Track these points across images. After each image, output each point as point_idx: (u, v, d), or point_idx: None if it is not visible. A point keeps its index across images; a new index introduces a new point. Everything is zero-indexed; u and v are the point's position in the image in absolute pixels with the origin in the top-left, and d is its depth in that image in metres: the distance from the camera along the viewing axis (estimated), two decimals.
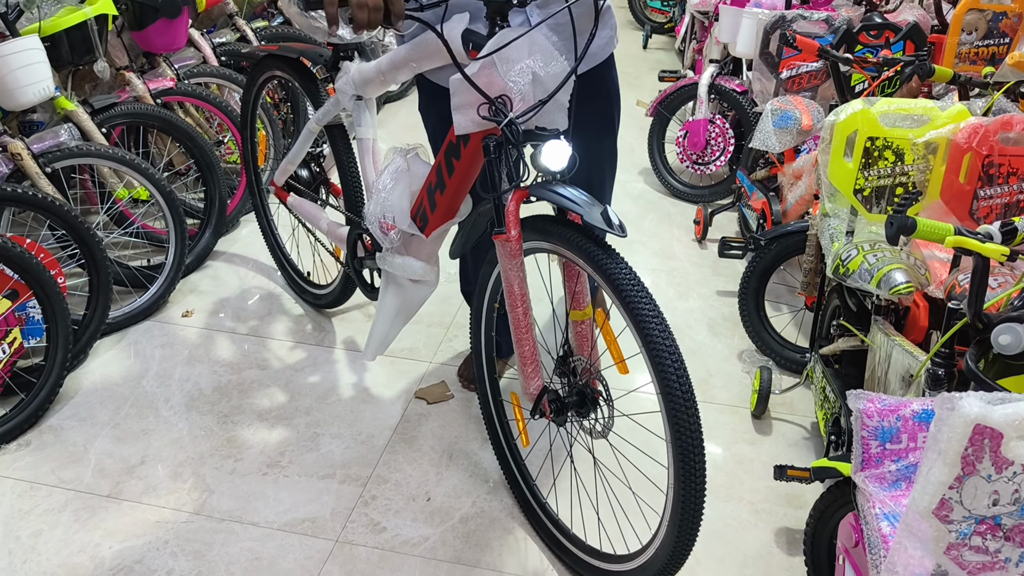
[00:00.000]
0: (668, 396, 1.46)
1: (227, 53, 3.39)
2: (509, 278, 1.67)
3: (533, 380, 1.75)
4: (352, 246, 2.27)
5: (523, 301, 1.68)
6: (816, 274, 2.40)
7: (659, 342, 1.46)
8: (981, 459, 0.97)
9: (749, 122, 3.32)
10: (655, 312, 1.48)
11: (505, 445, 2.01)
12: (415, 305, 2.09)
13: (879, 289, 1.78)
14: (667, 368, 1.45)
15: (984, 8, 2.58)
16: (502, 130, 1.54)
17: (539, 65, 1.52)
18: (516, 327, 1.69)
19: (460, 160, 1.76)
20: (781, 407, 2.36)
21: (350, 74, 2.09)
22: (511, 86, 1.52)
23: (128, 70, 2.89)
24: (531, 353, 1.72)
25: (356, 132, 2.15)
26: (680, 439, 1.45)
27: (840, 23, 2.72)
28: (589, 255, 1.53)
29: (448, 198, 1.84)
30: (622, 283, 1.49)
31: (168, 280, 2.78)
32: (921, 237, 1.28)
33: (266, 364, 2.55)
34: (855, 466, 1.40)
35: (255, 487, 2.09)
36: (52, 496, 2.06)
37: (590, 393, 1.71)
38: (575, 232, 1.56)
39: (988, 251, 1.25)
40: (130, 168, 2.64)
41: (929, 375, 1.52)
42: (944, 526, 1.02)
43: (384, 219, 1.96)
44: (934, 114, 1.82)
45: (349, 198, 2.33)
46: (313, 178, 2.56)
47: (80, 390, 2.43)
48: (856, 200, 1.90)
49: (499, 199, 1.63)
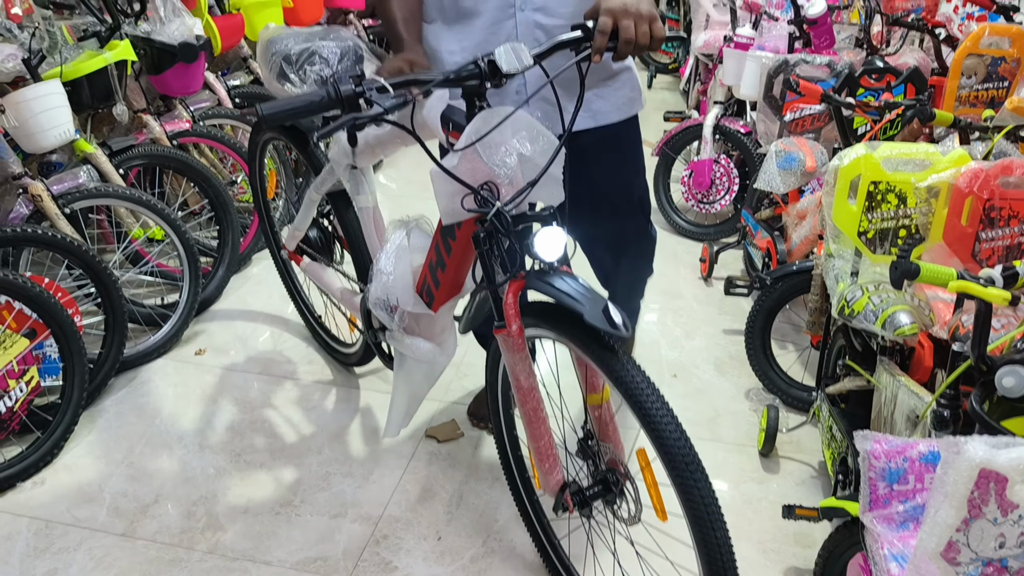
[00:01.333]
0: (690, 506, 1.37)
1: (241, 95, 3.47)
2: (515, 373, 1.58)
3: (552, 475, 1.65)
4: (367, 316, 2.19)
5: (533, 395, 1.58)
6: (821, 313, 2.43)
7: (674, 447, 1.37)
8: (987, 502, 0.99)
9: (753, 162, 3.37)
10: (667, 414, 1.39)
11: (519, 481, 1.98)
12: (432, 379, 2.00)
13: (884, 330, 1.80)
14: (684, 474, 1.36)
15: (983, 53, 2.64)
16: (491, 220, 1.45)
17: (524, 145, 1.43)
18: (529, 422, 1.60)
19: (456, 241, 1.69)
20: (788, 446, 2.38)
21: (342, 143, 2.04)
22: (496, 171, 1.43)
23: (145, 113, 2.96)
24: (547, 448, 1.62)
25: (356, 201, 2.11)
26: (707, 549, 1.38)
27: (842, 67, 2.78)
28: (593, 353, 1.44)
29: (450, 276, 1.77)
30: (629, 383, 1.40)
31: (182, 318, 2.82)
32: (924, 282, 1.32)
33: (278, 402, 2.58)
34: (863, 507, 1.42)
35: (267, 526, 2.11)
36: (67, 535, 2.08)
37: (615, 479, 1.61)
38: (574, 325, 1.45)
39: (991, 296, 1.28)
40: (146, 208, 2.69)
41: (935, 416, 1.54)
42: (952, 568, 1.05)
43: (388, 301, 1.89)
44: (935, 158, 1.86)
45: (359, 267, 2.27)
46: (325, 237, 2.51)
47: (95, 428, 2.46)
48: (860, 242, 1.93)
49: (496, 292, 1.54)
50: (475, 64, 1.38)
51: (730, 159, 3.50)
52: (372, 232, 2.14)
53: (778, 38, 3.55)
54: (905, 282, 1.95)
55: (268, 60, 2.08)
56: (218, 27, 3.32)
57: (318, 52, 1.99)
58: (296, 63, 1.99)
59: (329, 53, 1.99)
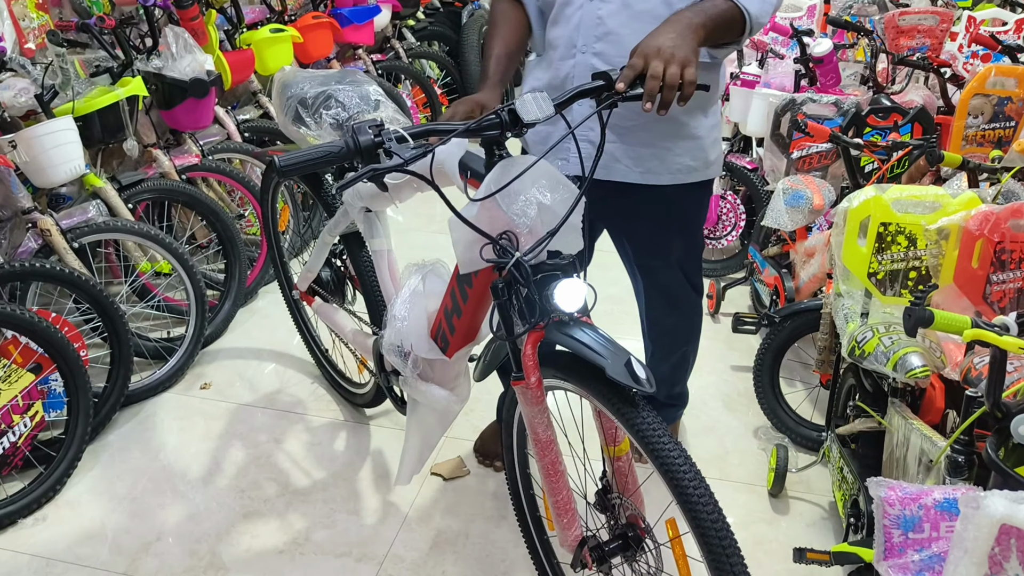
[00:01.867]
0: (713, 562, 1.33)
1: (250, 129, 3.49)
2: (533, 425, 1.53)
3: (570, 530, 1.60)
4: (379, 359, 2.15)
5: (551, 448, 1.53)
6: (831, 352, 2.42)
7: (698, 505, 1.32)
8: (1008, 559, 0.98)
9: (760, 198, 3.38)
10: (695, 477, 1.34)
11: (530, 520, 1.94)
12: (445, 425, 1.97)
13: (896, 372, 1.79)
14: (709, 531, 1.32)
15: (989, 93, 2.65)
16: (509, 270, 1.43)
17: (544, 194, 1.40)
18: (546, 476, 1.56)
19: (472, 288, 1.66)
20: (798, 485, 2.35)
21: (356, 187, 2.02)
22: (516, 221, 1.40)
23: (155, 147, 2.98)
24: (566, 502, 1.58)
25: (370, 244, 2.10)
26: None
27: (849, 106, 2.79)
28: (615, 408, 1.41)
29: (466, 323, 1.73)
30: (655, 444, 1.36)
31: (187, 352, 2.81)
32: (939, 329, 1.31)
33: (283, 438, 2.56)
34: (878, 555, 1.40)
35: (271, 565, 2.08)
36: (68, 573, 2.06)
37: (635, 535, 1.57)
38: (596, 379, 1.41)
39: (1006, 344, 1.28)
40: (154, 242, 2.70)
41: (949, 462, 1.52)
42: None
43: (402, 347, 1.85)
44: (945, 201, 1.86)
45: (372, 309, 2.24)
46: (337, 278, 2.49)
47: (98, 463, 2.44)
48: (870, 283, 1.93)
49: (515, 343, 1.50)
50: (495, 114, 1.37)
51: (736, 195, 3.50)
52: (386, 275, 2.12)
53: (783, 75, 3.57)
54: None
55: (284, 103, 2.08)
56: (228, 62, 3.35)
57: (334, 96, 2.00)
58: (312, 107, 2.00)
59: (345, 97, 2.00)
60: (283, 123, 2.11)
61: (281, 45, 3.66)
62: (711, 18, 1.58)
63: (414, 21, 5.27)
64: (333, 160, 1.28)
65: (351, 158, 1.28)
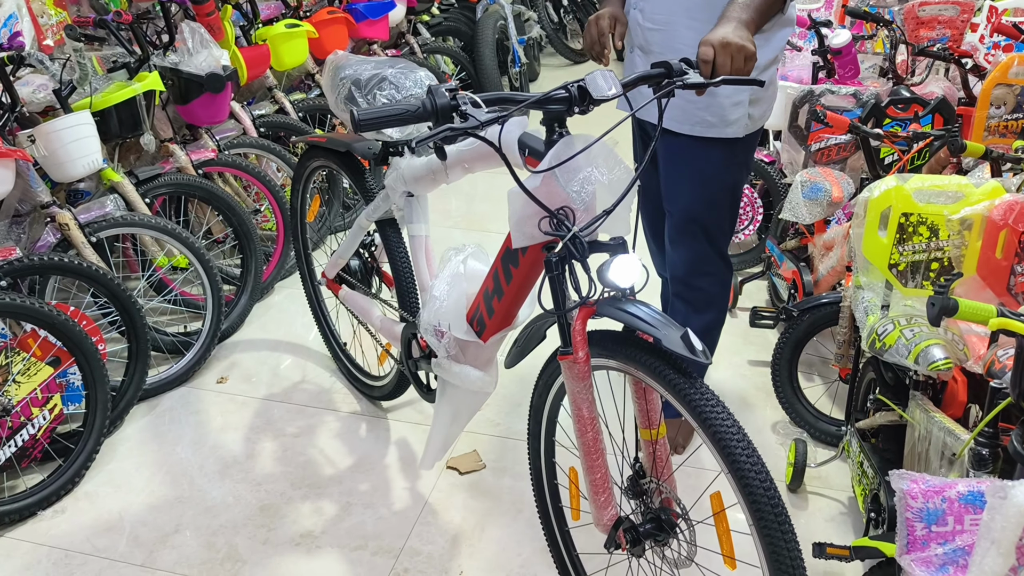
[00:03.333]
0: (774, 556, 1.34)
1: (266, 124, 3.49)
2: (577, 401, 1.55)
3: (606, 510, 1.61)
4: (407, 345, 2.19)
5: (593, 425, 1.55)
6: (850, 346, 2.39)
7: (750, 474, 1.34)
8: None
9: (777, 192, 3.35)
10: (743, 440, 1.37)
11: (552, 511, 1.92)
12: (472, 410, 1.99)
13: (917, 365, 1.77)
14: (761, 502, 1.34)
15: (1012, 83, 2.61)
16: (565, 245, 1.46)
17: (602, 173, 1.43)
18: (586, 453, 1.57)
19: (518, 268, 1.68)
20: (817, 481, 2.33)
21: (400, 170, 2.06)
22: (573, 197, 1.44)
23: (172, 142, 2.99)
24: (603, 481, 1.59)
25: (408, 229, 2.12)
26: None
27: (868, 97, 2.76)
28: (666, 379, 1.42)
29: (506, 305, 1.76)
30: (708, 415, 1.38)
31: (204, 347, 2.82)
32: (963, 318, 1.29)
33: (299, 431, 2.56)
34: (900, 549, 1.38)
35: (288, 558, 2.08)
36: (86, 565, 2.07)
37: (667, 518, 1.58)
38: (648, 353, 1.45)
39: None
40: (171, 237, 2.71)
41: (973, 455, 1.50)
42: None
43: (439, 326, 1.88)
44: (968, 190, 1.83)
45: (402, 296, 2.26)
46: (365, 268, 2.51)
47: (116, 456, 2.45)
48: (891, 275, 1.90)
49: (564, 317, 1.53)
50: (564, 89, 1.39)
51: (754, 188, 3.47)
52: (422, 260, 2.14)
53: (801, 68, 3.54)
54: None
55: (336, 84, 2.11)
56: (244, 58, 3.36)
57: (388, 78, 2.02)
58: (366, 87, 2.03)
59: (398, 80, 2.02)
60: (334, 103, 2.14)
61: (296, 40, 3.66)
62: (758, 11, 1.76)
63: (429, 16, 5.26)
64: (409, 118, 1.31)
65: (427, 118, 1.31)
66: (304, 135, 3.58)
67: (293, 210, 2.69)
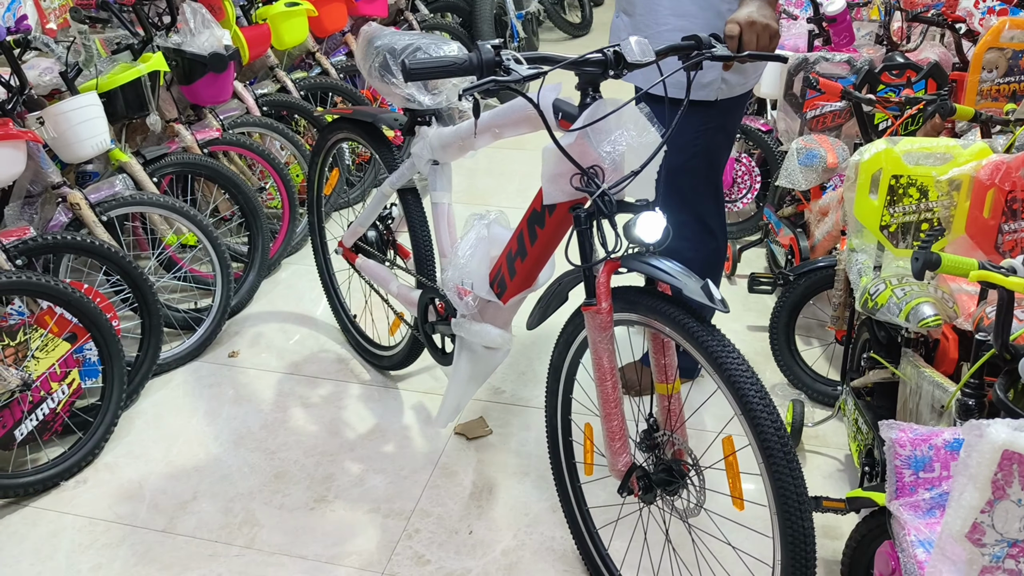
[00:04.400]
0: (781, 495, 1.43)
1: (269, 103, 3.54)
2: (599, 351, 1.64)
3: (621, 456, 1.69)
4: (424, 310, 2.28)
5: (612, 375, 1.64)
6: (845, 308, 2.45)
7: (762, 416, 1.43)
8: (1011, 484, 1.02)
9: (775, 160, 3.39)
10: (756, 384, 1.45)
11: (566, 467, 1.99)
12: (488, 371, 2.08)
13: (908, 322, 1.83)
14: (771, 442, 1.43)
15: (1004, 47, 2.64)
16: (595, 201, 1.55)
17: (632, 135, 1.53)
18: (605, 401, 1.66)
19: (544, 229, 1.77)
20: (814, 440, 2.39)
21: (427, 139, 2.13)
22: (604, 157, 1.53)
23: (177, 122, 3.03)
24: (619, 428, 1.67)
25: (432, 196, 2.19)
26: (791, 532, 1.44)
27: (862, 64, 2.79)
28: (687, 330, 1.50)
29: (528, 266, 1.85)
30: (724, 360, 1.46)
31: (215, 322, 2.88)
32: (946, 272, 1.34)
33: (310, 402, 2.63)
34: (890, 495, 1.45)
35: (303, 521, 2.16)
36: (110, 531, 2.15)
37: (678, 469, 1.67)
38: (670, 305, 1.54)
39: (1012, 284, 1.31)
40: (180, 215, 2.77)
41: (960, 405, 1.56)
42: (978, 549, 1.07)
43: (462, 285, 1.96)
44: (956, 152, 1.88)
45: (420, 262, 2.33)
46: (381, 239, 2.59)
47: (133, 429, 2.53)
48: (883, 236, 1.96)
49: (590, 270, 1.61)
50: (600, 52, 1.47)
51: (751, 157, 3.52)
52: (444, 229, 2.21)
53: (797, 36, 3.56)
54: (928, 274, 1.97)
55: (370, 52, 2.16)
56: (245, 37, 3.39)
57: (423, 48, 2.08)
58: (400, 55, 2.09)
59: (433, 51, 2.08)
60: (367, 72, 2.19)
61: (296, 19, 3.69)
62: None
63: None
64: (455, 70, 1.40)
65: (472, 72, 1.40)
66: (306, 112, 3.63)
67: (310, 182, 2.76)
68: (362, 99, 4.02)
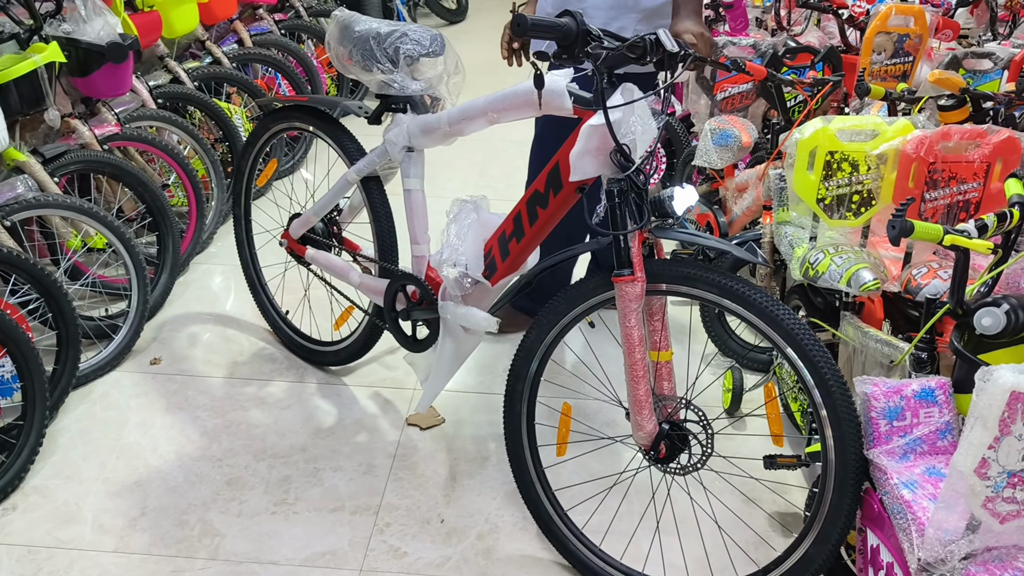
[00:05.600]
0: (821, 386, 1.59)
1: (164, 95, 3.35)
2: (630, 322, 1.70)
3: (650, 421, 1.76)
4: (391, 300, 2.26)
5: (641, 344, 1.71)
6: (771, 279, 2.61)
7: (806, 339, 1.60)
8: (1015, 420, 1.14)
9: (680, 140, 3.54)
10: (792, 315, 1.62)
11: (528, 450, 2.00)
12: (467, 354, 2.11)
13: (849, 287, 1.97)
14: (818, 359, 1.59)
15: (891, 31, 2.87)
16: (628, 177, 1.65)
17: (643, 123, 1.64)
18: (633, 370, 1.72)
19: (546, 209, 1.84)
20: (753, 404, 2.54)
21: (404, 126, 2.11)
22: (624, 138, 1.63)
23: (72, 117, 2.83)
24: (647, 396, 1.74)
25: (405, 184, 2.16)
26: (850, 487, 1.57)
27: (766, 48, 2.96)
28: (758, 309, 1.65)
29: (523, 246, 1.91)
30: (748, 296, 1.65)
31: (133, 328, 2.72)
32: (918, 238, 1.47)
33: (249, 405, 2.54)
34: (867, 444, 1.57)
35: (267, 526, 2.09)
36: (54, 558, 2.00)
37: (680, 431, 1.79)
38: (730, 280, 1.68)
39: (977, 246, 1.45)
40: (89, 217, 2.59)
41: (914, 359, 1.71)
42: (982, 482, 1.19)
43: (456, 265, 1.97)
44: (882, 128, 2.04)
45: (384, 250, 2.32)
46: (328, 230, 2.52)
47: (58, 448, 2.35)
48: (819, 208, 2.10)
49: (624, 239, 1.67)
50: (642, 39, 1.57)
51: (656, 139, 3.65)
52: (417, 214, 2.19)
53: None
54: (859, 240, 2.13)
55: (349, 39, 2.10)
56: (136, 25, 3.19)
57: (407, 33, 2.05)
58: (386, 41, 2.04)
59: (417, 36, 2.06)
60: (346, 55, 2.12)
61: (186, 6, 3.51)
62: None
63: None
64: (562, 32, 1.53)
65: (571, 37, 1.54)
66: (204, 104, 3.46)
67: (239, 172, 2.65)
68: (258, 89, 3.87)
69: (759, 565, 1.78)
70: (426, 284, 2.18)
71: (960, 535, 1.26)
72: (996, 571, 1.25)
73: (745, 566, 1.91)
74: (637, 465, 2.02)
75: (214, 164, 3.40)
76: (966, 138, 1.96)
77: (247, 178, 2.67)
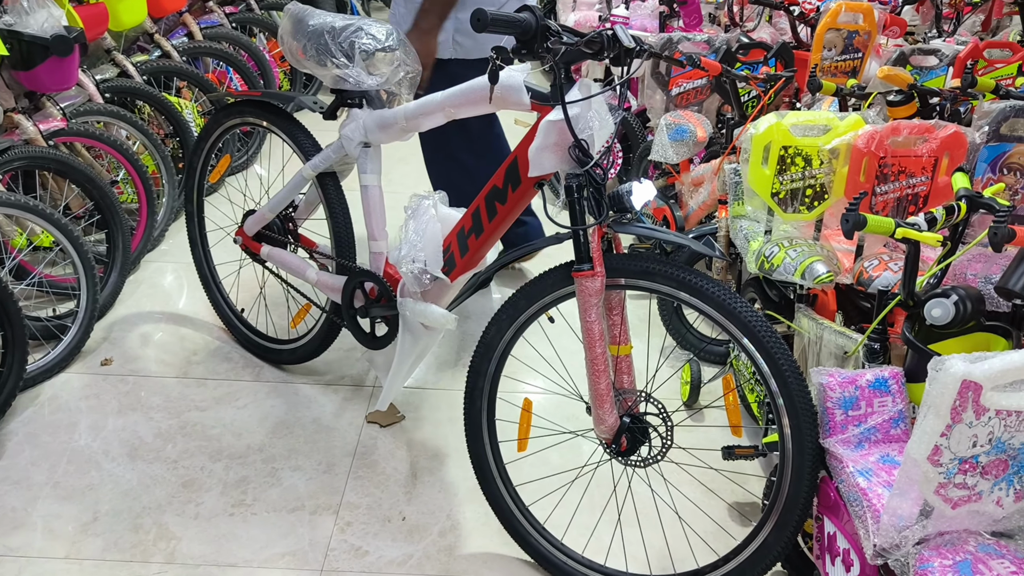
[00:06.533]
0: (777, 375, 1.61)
1: (111, 89, 3.27)
2: (590, 316, 1.70)
3: (611, 415, 1.77)
4: (349, 297, 2.24)
5: (601, 339, 1.72)
6: (727, 272, 2.64)
7: (764, 333, 1.61)
8: (965, 409, 1.17)
9: (635, 135, 3.56)
10: (750, 308, 1.63)
11: (489, 446, 1.99)
12: (426, 351, 2.11)
13: (804, 280, 2.01)
14: (775, 350, 1.61)
15: (840, 27, 2.93)
16: (586, 172, 1.65)
17: (601, 118, 1.66)
18: (593, 364, 1.73)
19: (505, 204, 1.84)
20: (711, 396, 2.57)
21: (360, 121, 2.09)
22: (582, 134, 1.63)
23: (16, 111, 2.74)
24: (607, 390, 1.75)
25: (362, 179, 2.15)
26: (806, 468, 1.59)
27: (720, 43, 3.00)
28: (717, 302, 1.66)
29: (482, 242, 1.91)
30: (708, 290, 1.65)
31: (82, 329, 2.65)
32: (871, 231, 1.50)
33: (204, 405, 2.49)
34: (823, 434, 1.60)
35: (224, 528, 2.06)
36: (2, 566, 1.94)
37: (641, 424, 1.79)
38: (688, 274, 1.68)
39: (927, 239, 1.48)
40: (34, 214, 2.51)
41: (867, 350, 1.75)
42: (935, 468, 1.22)
43: (415, 262, 1.96)
44: (834, 123, 2.08)
45: (341, 247, 2.29)
46: (284, 227, 2.47)
47: (5, 452, 2.28)
48: (773, 202, 2.13)
49: (584, 234, 1.67)
50: (600, 35, 1.56)
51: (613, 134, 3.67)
52: (375, 210, 2.17)
53: (645, 17, 3.76)
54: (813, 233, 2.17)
55: (303, 32, 2.06)
56: (81, 17, 3.10)
57: (363, 27, 2.02)
58: (340, 35, 2.01)
59: (374, 31, 2.03)
60: (299, 48, 2.08)
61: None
62: None
63: None
64: (522, 27, 1.52)
65: (530, 32, 1.53)
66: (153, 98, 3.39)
67: (190, 168, 2.60)
68: (209, 83, 3.80)
69: (719, 554, 1.80)
70: (384, 281, 2.16)
71: (914, 521, 1.29)
72: (948, 555, 1.28)
73: (705, 555, 1.93)
74: (598, 459, 2.03)
75: (164, 160, 3.33)
76: (915, 133, 2.01)
77: (199, 174, 2.62)
